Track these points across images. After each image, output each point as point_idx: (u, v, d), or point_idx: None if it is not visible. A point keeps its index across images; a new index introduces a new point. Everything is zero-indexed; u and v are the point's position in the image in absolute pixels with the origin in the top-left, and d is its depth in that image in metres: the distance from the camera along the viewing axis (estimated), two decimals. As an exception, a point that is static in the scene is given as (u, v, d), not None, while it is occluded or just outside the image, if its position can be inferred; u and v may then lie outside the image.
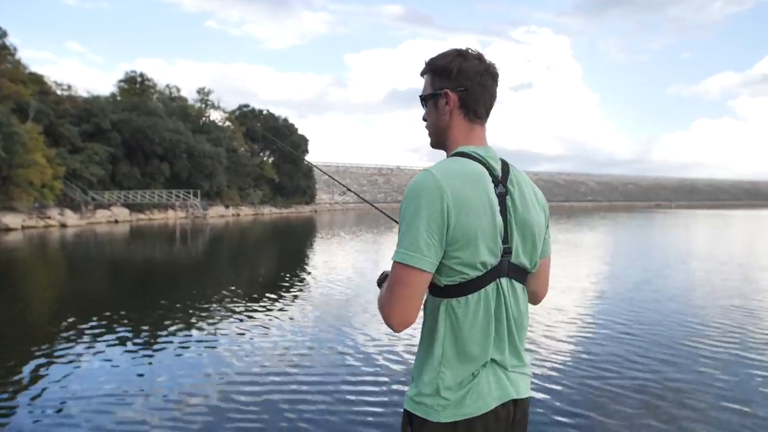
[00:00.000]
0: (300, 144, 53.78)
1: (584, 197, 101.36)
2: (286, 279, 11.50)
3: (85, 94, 39.28)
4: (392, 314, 1.25)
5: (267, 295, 9.37)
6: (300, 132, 54.71)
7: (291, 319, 7.55)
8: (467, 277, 1.27)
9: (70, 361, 5.58)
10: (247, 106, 54.08)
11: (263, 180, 48.95)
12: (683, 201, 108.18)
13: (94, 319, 7.43)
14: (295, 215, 47.34)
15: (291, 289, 10.08)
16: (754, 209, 72.47)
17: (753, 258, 16.55)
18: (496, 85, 1.40)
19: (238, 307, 8.31)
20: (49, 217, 28.85)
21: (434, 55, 1.41)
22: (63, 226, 28.61)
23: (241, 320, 7.44)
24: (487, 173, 1.31)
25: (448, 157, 1.38)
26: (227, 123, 49.44)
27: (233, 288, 10.38)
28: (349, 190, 2.56)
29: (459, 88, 1.36)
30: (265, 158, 52.49)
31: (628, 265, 14.14)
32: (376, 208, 2.32)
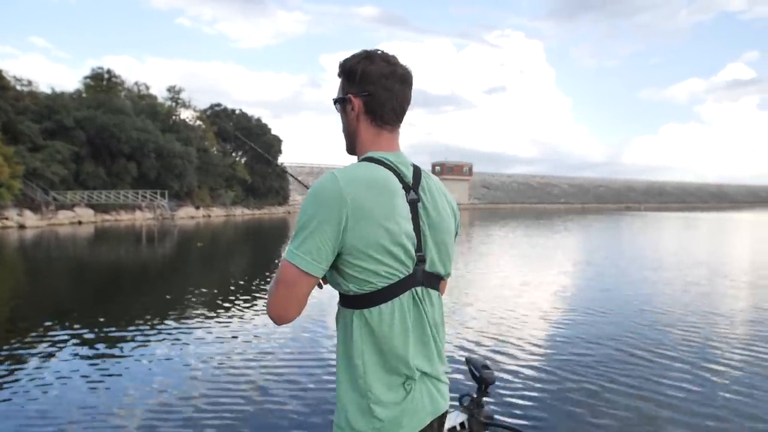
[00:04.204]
0: (273, 144, 52.90)
1: (557, 199, 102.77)
2: (256, 282, 11.02)
3: (47, 91, 37.81)
4: (272, 308, 1.25)
5: (236, 298, 8.93)
6: (274, 132, 53.88)
7: (263, 324, 7.24)
8: (375, 287, 1.23)
9: (27, 370, 5.29)
10: (219, 105, 53.09)
11: (235, 180, 47.97)
12: (652, 203, 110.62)
13: (53, 325, 7.06)
14: (268, 216, 46.57)
15: (263, 295, 9.62)
16: (720, 212, 74.59)
17: (719, 265, 16.70)
18: (408, 87, 1.34)
19: (203, 311, 7.95)
20: (7, 218, 27.60)
21: (346, 56, 1.34)
22: (21, 227, 27.39)
23: (208, 324, 7.14)
24: (396, 180, 1.28)
25: (358, 162, 1.33)
26: (198, 122, 48.28)
27: (198, 292, 9.87)
28: None
29: (363, 93, 1.31)
30: (237, 158, 51.48)
31: (594, 272, 14.06)
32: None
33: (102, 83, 43.14)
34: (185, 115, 47.78)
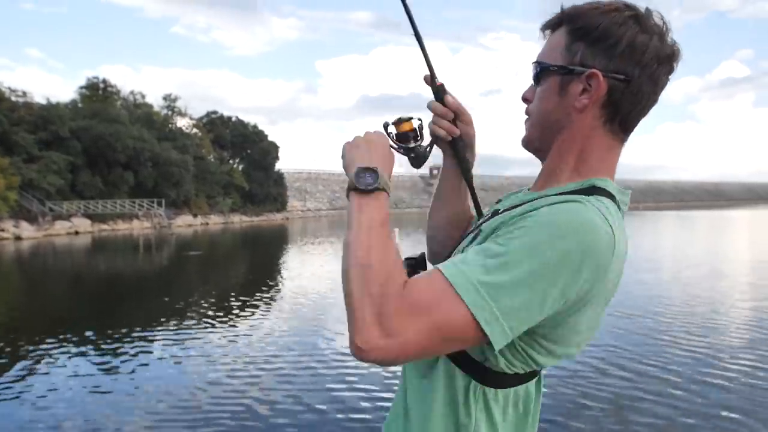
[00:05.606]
0: (270, 151, 52.89)
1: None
2: (256, 291, 10.92)
3: (43, 101, 37.70)
4: (391, 342, 0.68)
5: (233, 306, 8.80)
6: (270, 139, 53.81)
7: (262, 331, 7.18)
8: (529, 369, 0.82)
9: (26, 379, 5.28)
10: (215, 112, 53.05)
11: (233, 188, 47.89)
12: (650, 202, 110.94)
13: (52, 336, 6.96)
14: (267, 223, 46.46)
15: (261, 302, 9.56)
16: (717, 209, 74.79)
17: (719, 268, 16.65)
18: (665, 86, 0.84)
19: (202, 320, 7.84)
20: (3, 230, 27.46)
21: (581, 2, 0.83)
22: (18, 238, 27.24)
23: (205, 333, 7.08)
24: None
25: (567, 186, 0.83)
26: (194, 130, 48.26)
27: (196, 301, 9.74)
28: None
29: (616, 75, 0.79)
30: (234, 165, 51.42)
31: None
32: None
33: (97, 93, 43.10)
34: (181, 123, 47.82)
